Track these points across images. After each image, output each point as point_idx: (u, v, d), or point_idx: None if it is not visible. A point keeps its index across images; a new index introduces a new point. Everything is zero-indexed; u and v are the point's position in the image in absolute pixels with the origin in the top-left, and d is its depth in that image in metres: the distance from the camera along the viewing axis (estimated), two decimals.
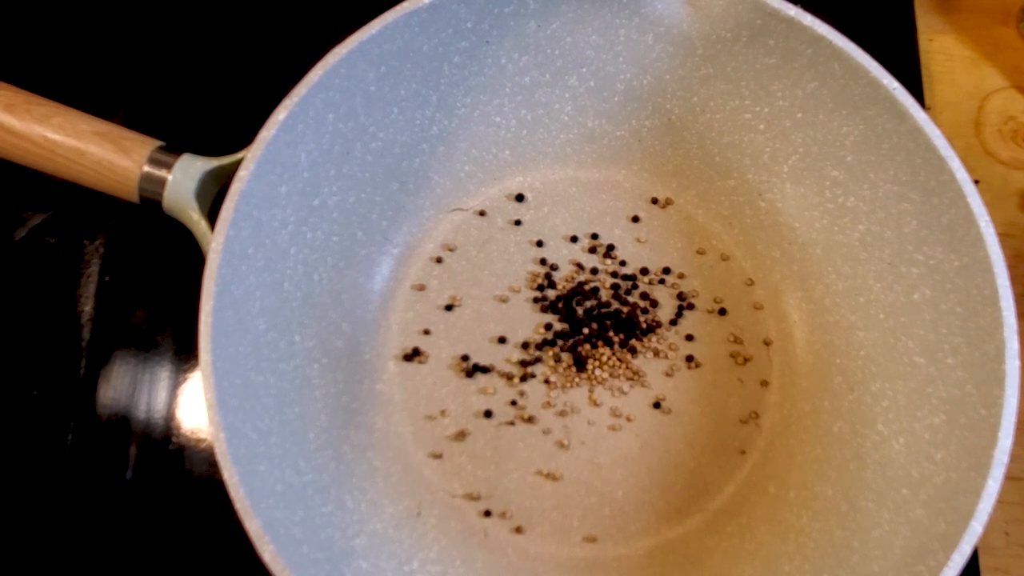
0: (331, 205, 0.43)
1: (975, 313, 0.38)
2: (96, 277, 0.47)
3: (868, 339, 0.42)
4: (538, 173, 0.48)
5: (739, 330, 0.46)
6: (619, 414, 0.44)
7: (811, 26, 0.41)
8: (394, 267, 0.46)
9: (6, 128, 0.41)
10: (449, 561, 0.40)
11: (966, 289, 0.38)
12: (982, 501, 0.34)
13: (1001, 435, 0.35)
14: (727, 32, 0.43)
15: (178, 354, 0.46)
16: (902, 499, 0.37)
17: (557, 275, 0.47)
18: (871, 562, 0.37)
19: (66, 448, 0.44)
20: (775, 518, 0.41)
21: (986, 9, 0.55)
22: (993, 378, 0.36)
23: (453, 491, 0.42)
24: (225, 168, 0.41)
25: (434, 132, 0.46)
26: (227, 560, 0.42)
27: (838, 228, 0.44)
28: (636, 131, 0.48)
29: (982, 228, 0.37)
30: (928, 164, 0.39)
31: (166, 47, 0.53)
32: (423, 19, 0.41)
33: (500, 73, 0.46)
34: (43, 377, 0.45)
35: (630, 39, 0.45)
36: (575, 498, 0.42)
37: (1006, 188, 0.51)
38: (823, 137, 0.43)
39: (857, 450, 0.40)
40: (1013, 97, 0.53)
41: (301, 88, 0.39)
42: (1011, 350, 0.36)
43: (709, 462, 0.43)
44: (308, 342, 0.41)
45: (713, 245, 0.47)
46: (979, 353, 0.37)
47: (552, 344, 0.45)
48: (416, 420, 0.44)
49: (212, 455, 0.35)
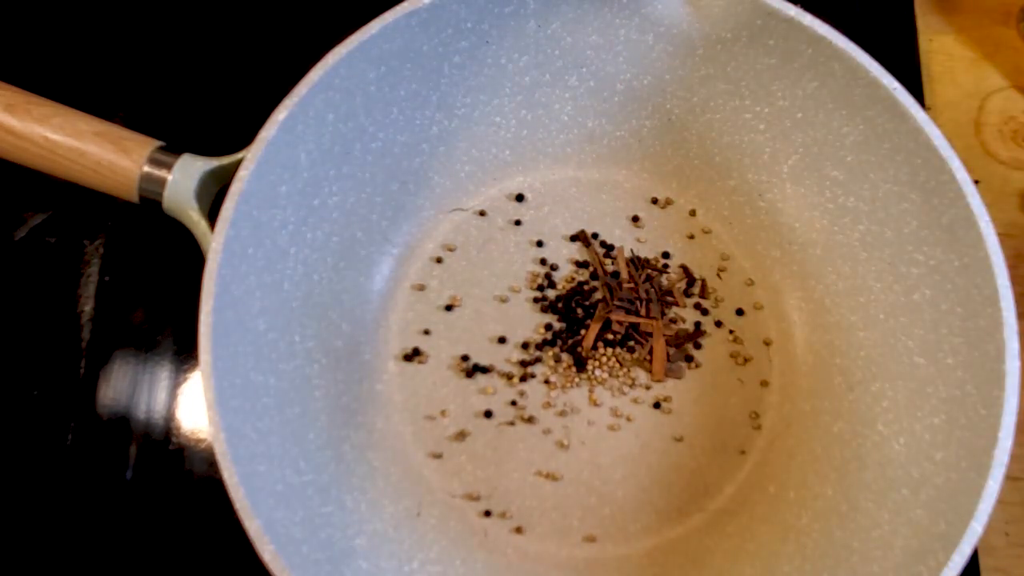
0: (331, 205, 0.43)
1: (975, 313, 0.38)
2: (96, 277, 0.47)
3: (868, 339, 0.42)
4: (538, 173, 0.48)
5: (739, 330, 0.46)
6: (619, 414, 0.44)
7: (811, 26, 0.41)
8: (394, 267, 0.46)
9: (6, 128, 0.41)
10: (449, 561, 0.40)
11: (966, 289, 0.38)
12: (982, 501, 0.34)
13: (1001, 435, 0.35)
14: (727, 32, 0.43)
15: (178, 354, 0.46)
16: (902, 499, 0.37)
17: (557, 275, 0.47)
18: (871, 562, 0.37)
19: (66, 448, 0.44)
20: (775, 518, 0.41)
21: (986, 9, 0.55)
22: (993, 378, 0.36)
23: (453, 491, 0.42)
24: (225, 168, 0.41)
25: (434, 132, 0.46)
26: (227, 560, 0.42)
27: (838, 228, 0.44)
28: (636, 131, 0.48)
29: (982, 228, 0.37)
30: (928, 164, 0.39)
31: (166, 47, 0.53)
32: (423, 19, 0.41)
33: (500, 73, 0.46)
34: (43, 377, 0.45)
35: (630, 39, 0.45)
36: (575, 498, 0.42)
37: (1006, 188, 0.51)
38: (823, 137, 0.43)
39: (857, 450, 0.40)
40: (1013, 97, 0.53)
41: (301, 88, 0.39)
42: (1011, 350, 0.36)
43: (709, 462, 0.43)
44: (308, 342, 0.41)
45: (713, 245, 0.47)
46: (979, 353, 0.37)
47: (552, 344, 0.45)
48: (416, 420, 0.44)
49: (212, 455, 0.35)
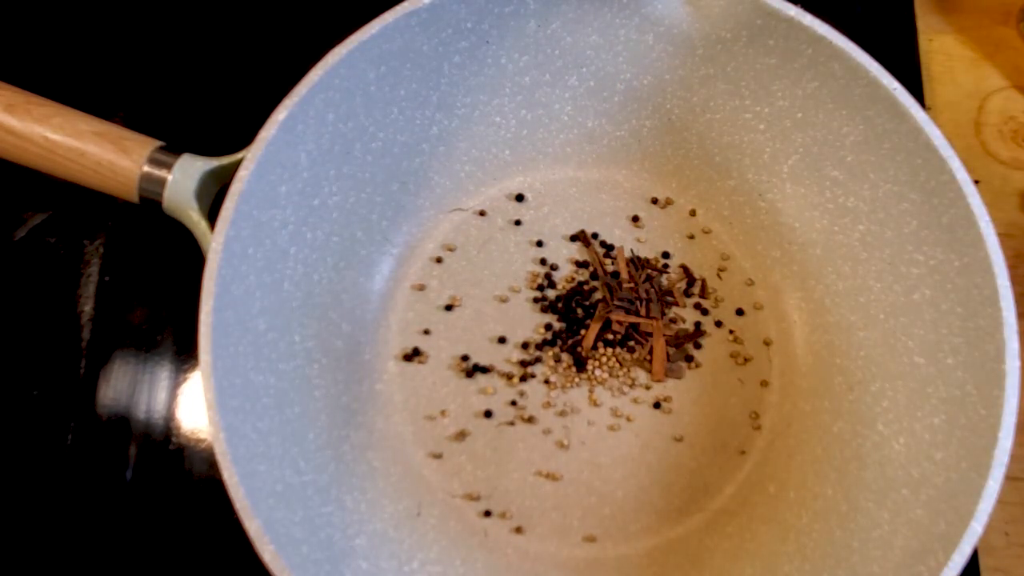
0: (331, 205, 0.43)
1: (975, 313, 0.38)
2: (96, 277, 0.47)
3: (868, 339, 0.42)
4: (538, 173, 0.48)
5: (739, 330, 0.46)
6: (619, 414, 0.44)
7: (811, 26, 0.41)
8: (394, 267, 0.46)
9: (6, 128, 0.41)
10: (449, 561, 0.40)
11: (966, 289, 0.38)
12: (982, 501, 0.34)
13: (1001, 435, 0.35)
14: (727, 32, 0.43)
15: (178, 354, 0.46)
16: (902, 499, 0.37)
17: (557, 275, 0.47)
18: (871, 562, 0.37)
19: (66, 448, 0.44)
20: (775, 518, 0.41)
21: (986, 9, 0.55)
22: (993, 378, 0.36)
23: (453, 491, 0.42)
24: (225, 168, 0.41)
25: (434, 132, 0.46)
26: (227, 560, 0.42)
27: (838, 228, 0.44)
28: (636, 131, 0.48)
29: (982, 228, 0.37)
30: (928, 164, 0.39)
31: (166, 47, 0.53)
32: (423, 19, 0.41)
33: (500, 73, 0.46)
34: (43, 377, 0.45)
35: (630, 39, 0.45)
36: (575, 498, 0.42)
37: (1006, 188, 0.51)
38: (823, 137, 0.43)
39: (857, 450, 0.40)
40: (1013, 97, 0.53)
41: (301, 88, 0.39)
42: (1011, 350, 0.36)
43: (709, 462, 0.43)
44: (308, 342, 0.41)
45: (713, 245, 0.47)
46: (979, 353, 0.37)
47: (552, 344, 0.45)
48: (416, 420, 0.44)
49: (212, 455, 0.35)
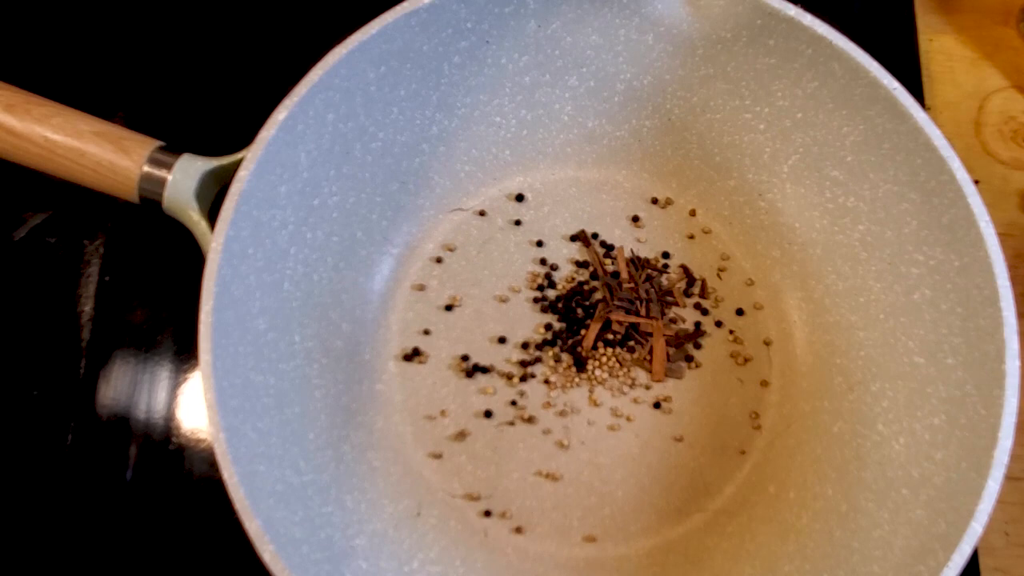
0: (331, 205, 0.43)
1: (975, 313, 0.38)
2: (96, 277, 0.47)
3: (868, 339, 0.42)
4: (538, 173, 0.48)
5: (739, 330, 0.46)
6: (619, 414, 0.44)
7: (811, 26, 0.41)
8: (394, 267, 0.46)
9: (6, 128, 0.41)
10: (449, 561, 0.40)
11: (966, 289, 0.38)
12: (982, 501, 0.34)
13: (1001, 435, 0.35)
14: (727, 32, 0.43)
15: (178, 354, 0.46)
16: (902, 499, 0.37)
17: (557, 275, 0.47)
18: (871, 562, 0.37)
19: (66, 448, 0.44)
20: (775, 518, 0.41)
21: (986, 9, 0.55)
22: (993, 378, 0.36)
23: (453, 491, 0.42)
24: (225, 168, 0.41)
25: (434, 132, 0.46)
26: (227, 560, 0.42)
27: (838, 228, 0.44)
28: (636, 131, 0.48)
29: (982, 228, 0.37)
30: (928, 164, 0.39)
31: (166, 47, 0.53)
32: (423, 19, 0.41)
33: (500, 73, 0.46)
34: (43, 377, 0.45)
35: (630, 39, 0.45)
36: (575, 498, 0.42)
37: (1006, 188, 0.51)
38: (823, 137, 0.43)
39: (857, 450, 0.40)
40: (1013, 97, 0.53)
41: (301, 88, 0.39)
42: (1011, 350, 0.36)
43: (709, 462, 0.43)
44: (308, 342, 0.41)
45: (713, 245, 0.47)
46: (979, 353, 0.37)
47: (552, 344, 0.45)
48: (416, 420, 0.44)
49: (212, 455, 0.35)
